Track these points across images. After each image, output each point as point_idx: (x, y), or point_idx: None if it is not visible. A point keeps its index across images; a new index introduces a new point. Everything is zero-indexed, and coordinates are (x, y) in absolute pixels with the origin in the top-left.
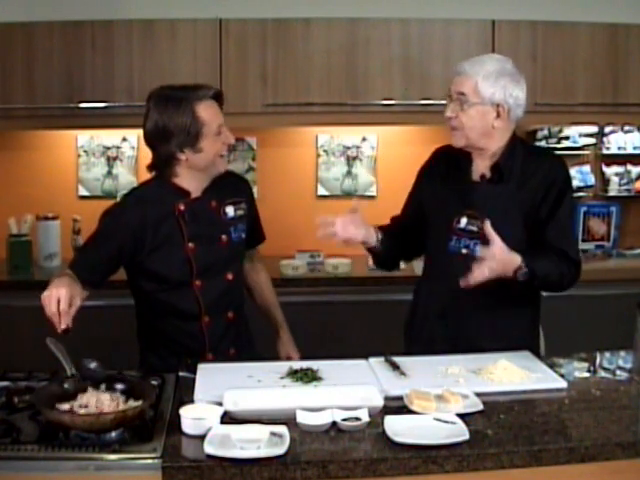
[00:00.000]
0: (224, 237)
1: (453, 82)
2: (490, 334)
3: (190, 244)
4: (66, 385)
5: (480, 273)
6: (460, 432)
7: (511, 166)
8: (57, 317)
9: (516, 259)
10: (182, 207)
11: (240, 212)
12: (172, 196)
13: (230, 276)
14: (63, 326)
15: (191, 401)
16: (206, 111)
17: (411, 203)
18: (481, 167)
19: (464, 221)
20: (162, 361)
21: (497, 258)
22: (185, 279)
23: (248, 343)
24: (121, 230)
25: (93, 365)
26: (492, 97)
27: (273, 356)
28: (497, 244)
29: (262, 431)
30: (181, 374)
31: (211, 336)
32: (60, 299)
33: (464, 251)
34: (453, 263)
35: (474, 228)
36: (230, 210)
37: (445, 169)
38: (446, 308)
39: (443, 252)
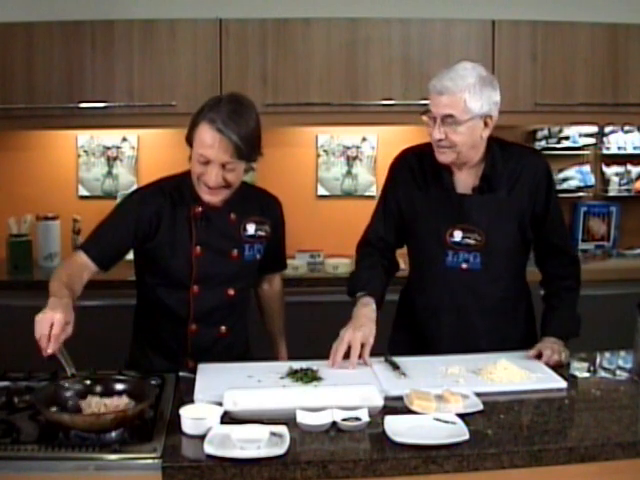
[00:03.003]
0: (235, 252)
1: (434, 102)
2: (494, 343)
3: (197, 248)
4: (66, 385)
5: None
6: (460, 432)
7: (498, 173)
8: (46, 339)
9: (560, 340)
10: (198, 210)
11: (261, 233)
12: (192, 197)
13: (231, 292)
14: (50, 351)
15: (191, 401)
16: (200, 133)
17: (393, 216)
18: (465, 178)
19: (459, 235)
20: (146, 359)
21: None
22: (184, 281)
23: (239, 360)
24: (140, 215)
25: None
26: (480, 110)
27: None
28: (546, 355)
29: (262, 431)
30: (181, 374)
31: (195, 344)
32: (54, 323)
33: (464, 265)
34: (453, 278)
35: (471, 241)
36: (251, 228)
37: (422, 179)
38: (451, 322)
39: (440, 267)
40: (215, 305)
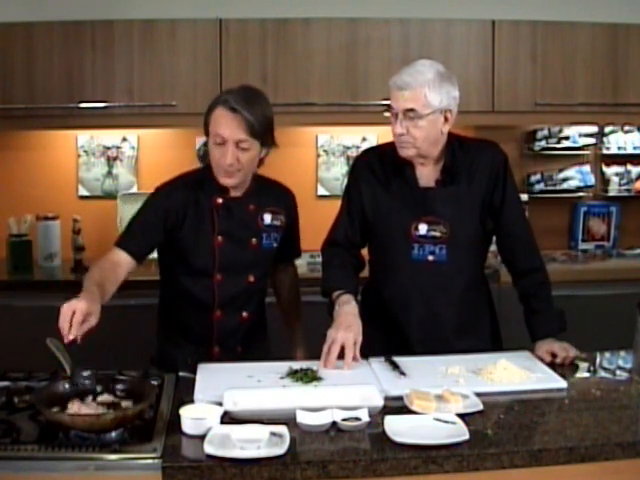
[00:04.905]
0: (254, 240)
1: (396, 98)
2: (462, 333)
3: (219, 237)
4: (66, 385)
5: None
6: (460, 432)
7: (457, 166)
8: (68, 326)
9: (552, 338)
10: (219, 201)
11: (277, 222)
12: (213, 189)
13: (252, 278)
14: (71, 337)
15: (191, 401)
16: (215, 116)
17: (357, 215)
18: (427, 172)
19: (424, 228)
20: (174, 348)
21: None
22: (207, 270)
23: (261, 344)
24: (168, 207)
25: (86, 374)
26: (440, 104)
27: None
28: (561, 357)
29: (262, 431)
30: (181, 374)
31: (220, 330)
32: (76, 311)
33: (430, 258)
34: (420, 271)
35: (437, 234)
36: (268, 217)
37: (384, 176)
38: (420, 314)
39: (407, 260)
40: (237, 291)
